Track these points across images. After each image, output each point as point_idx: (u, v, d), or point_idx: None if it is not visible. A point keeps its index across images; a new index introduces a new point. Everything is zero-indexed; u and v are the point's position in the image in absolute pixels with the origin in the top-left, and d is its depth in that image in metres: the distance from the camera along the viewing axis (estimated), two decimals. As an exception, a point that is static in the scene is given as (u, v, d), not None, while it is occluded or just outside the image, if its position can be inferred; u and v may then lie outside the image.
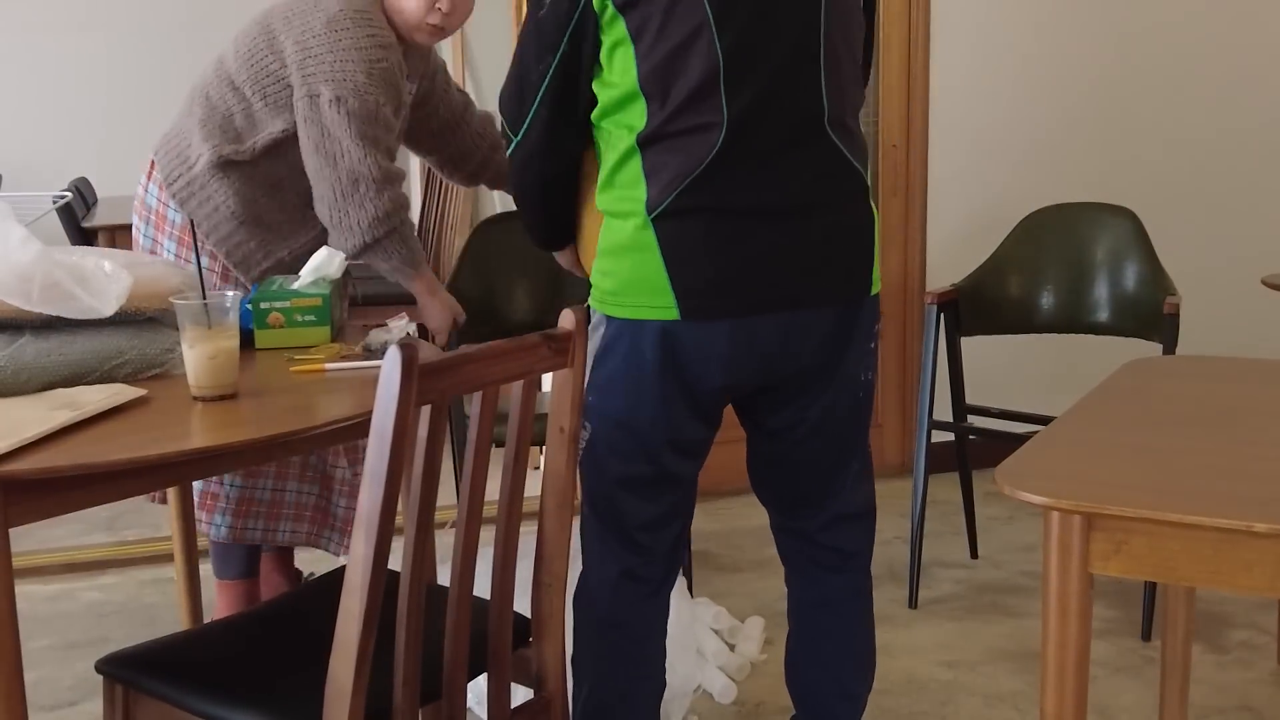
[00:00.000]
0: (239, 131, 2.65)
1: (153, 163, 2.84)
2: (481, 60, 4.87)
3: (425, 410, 1.56)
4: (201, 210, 2.67)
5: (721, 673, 2.80)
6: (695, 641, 2.83)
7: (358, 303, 3.02)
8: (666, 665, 2.19)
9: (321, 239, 2.67)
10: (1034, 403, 3.45)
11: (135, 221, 2.83)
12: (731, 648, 2.92)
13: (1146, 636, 3.02)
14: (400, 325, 2.24)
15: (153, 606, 3.24)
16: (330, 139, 2.54)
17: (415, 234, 2.70)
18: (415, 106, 2.82)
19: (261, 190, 2.67)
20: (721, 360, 1.96)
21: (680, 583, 2.97)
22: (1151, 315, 3.20)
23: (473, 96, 3.13)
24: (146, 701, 1.76)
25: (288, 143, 2.63)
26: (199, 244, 2.58)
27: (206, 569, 2.90)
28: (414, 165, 6.12)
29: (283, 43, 2.58)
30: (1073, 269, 3.40)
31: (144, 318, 2.00)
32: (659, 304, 1.93)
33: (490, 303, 3.28)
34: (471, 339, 2.99)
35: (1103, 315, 3.38)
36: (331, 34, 2.54)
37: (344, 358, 2.10)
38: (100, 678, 1.79)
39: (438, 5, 2.61)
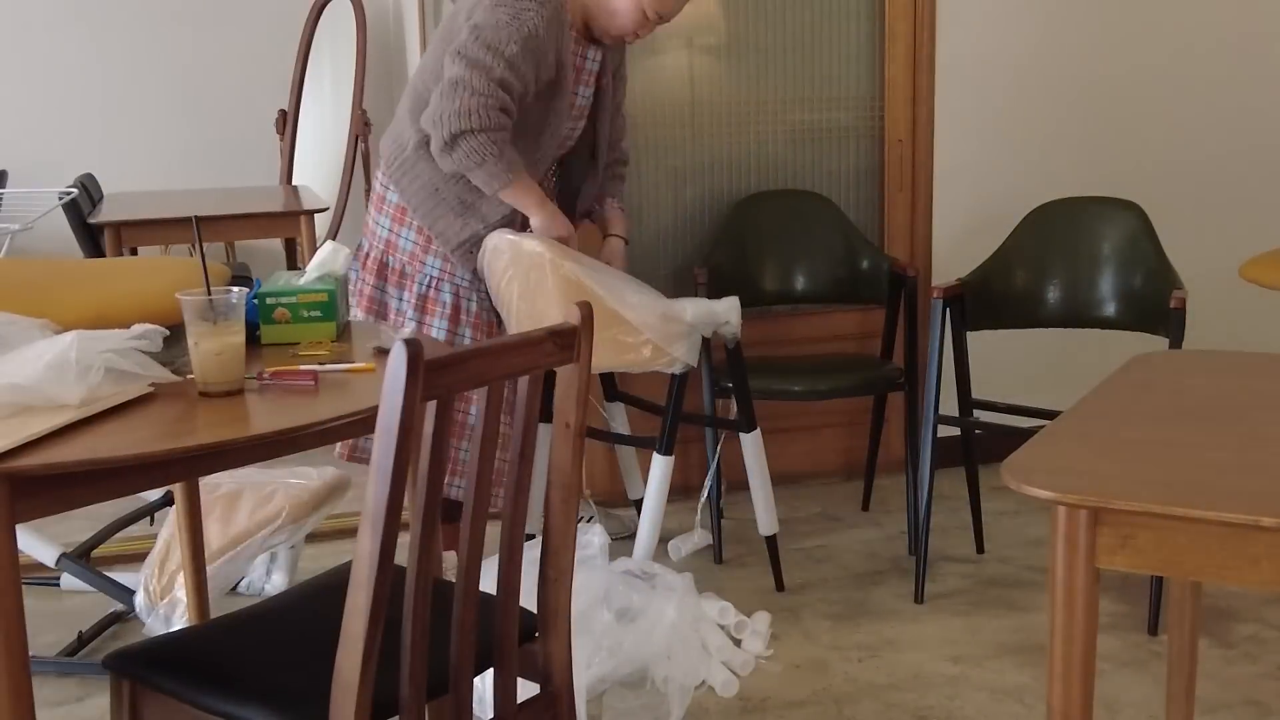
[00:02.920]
0: None
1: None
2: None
3: (431, 405, 1.56)
4: (411, 187, 3.03)
5: (725, 667, 2.80)
6: (700, 636, 2.83)
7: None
8: (669, 658, 2.19)
9: (518, 213, 2.99)
10: (1040, 397, 3.44)
11: (370, 209, 3.21)
12: (737, 643, 2.92)
13: (1153, 631, 3.02)
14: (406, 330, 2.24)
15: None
16: (452, 53, 2.81)
17: (511, 150, 2.87)
18: (601, 77, 3.12)
19: None
20: None
21: (686, 578, 2.97)
22: (1158, 309, 3.19)
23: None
24: (153, 697, 1.76)
25: None
26: (406, 222, 3.03)
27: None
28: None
29: (460, 18, 2.90)
30: (1079, 263, 3.40)
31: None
32: None
33: (744, 271, 3.74)
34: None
35: (1109, 309, 3.37)
36: (496, 4, 2.85)
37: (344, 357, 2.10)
38: (107, 673, 1.80)
39: (639, 31, 3.00)
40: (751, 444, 3.29)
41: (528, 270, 2.95)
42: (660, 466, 3.19)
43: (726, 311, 3.15)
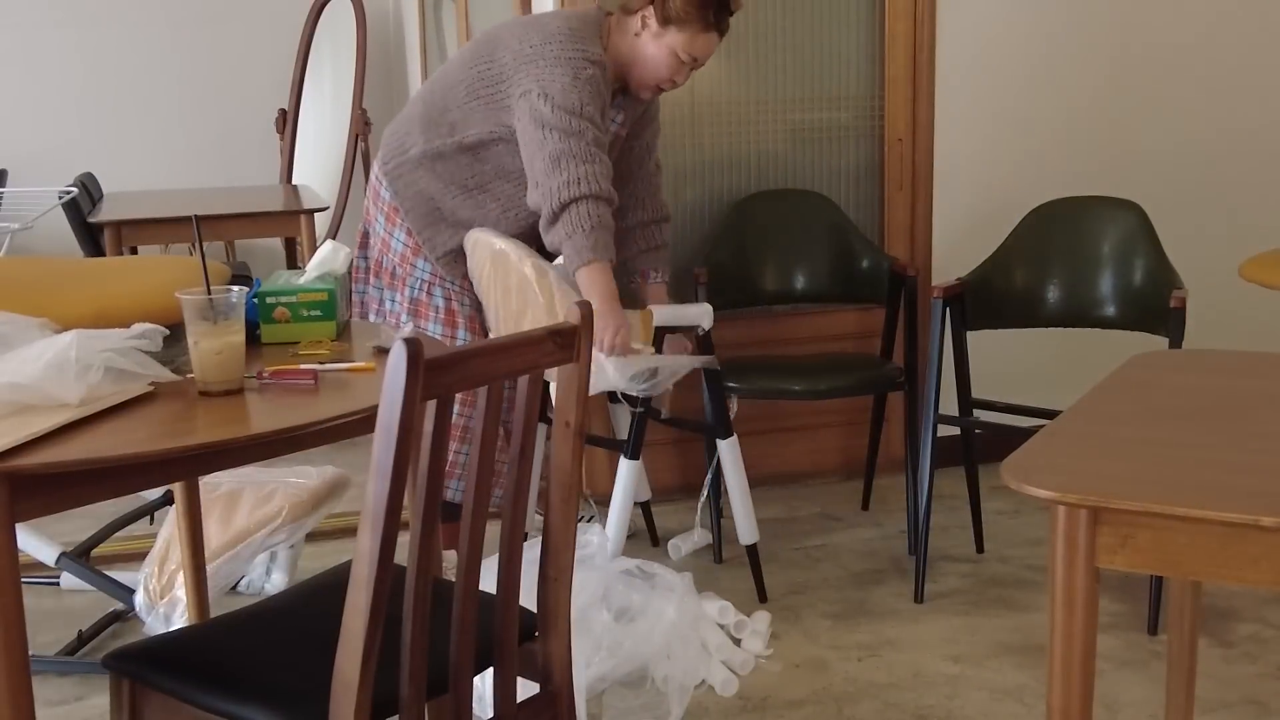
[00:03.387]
0: (452, 125, 3.01)
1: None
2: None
3: (431, 405, 1.56)
4: (407, 192, 3.09)
5: (725, 667, 2.80)
6: (699, 636, 2.83)
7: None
8: (669, 657, 2.19)
9: (516, 235, 3.04)
10: (1040, 397, 3.44)
11: (367, 198, 3.27)
12: (737, 643, 2.92)
13: (1153, 631, 3.02)
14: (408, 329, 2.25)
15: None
16: (537, 126, 2.86)
17: (610, 233, 2.90)
18: (619, 133, 3.14)
19: (459, 186, 3.05)
20: None
21: (686, 577, 2.97)
22: (1158, 309, 3.19)
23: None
24: (153, 696, 1.76)
25: (490, 145, 2.99)
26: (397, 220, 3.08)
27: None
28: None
29: (502, 54, 2.95)
30: (1079, 263, 3.40)
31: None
32: None
33: (744, 271, 3.74)
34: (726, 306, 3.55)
35: (1109, 309, 3.38)
36: (545, 46, 2.90)
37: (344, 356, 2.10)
38: (107, 672, 1.80)
39: (675, 77, 3.05)
40: (729, 451, 3.28)
41: (506, 271, 2.97)
42: (626, 470, 3.18)
43: (698, 315, 3.17)
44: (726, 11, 3.04)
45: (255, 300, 2.19)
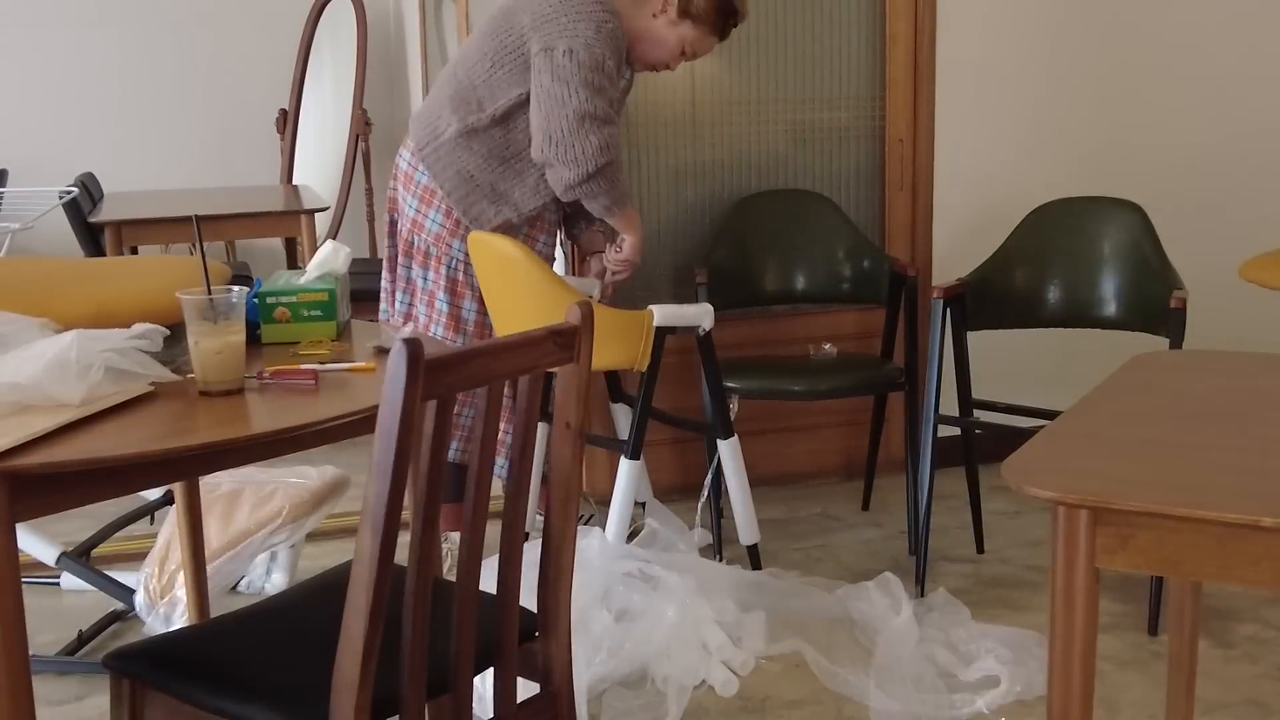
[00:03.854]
0: (480, 100, 3.08)
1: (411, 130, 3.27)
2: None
3: (431, 405, 1.56)
4: (445, 172, 3.13)
5: (725, 667, 2.80)
6: (699, 635, 2.83)
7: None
8: (668, 657, 2.19)
9: (549, 204, 3.16)
10: (1040, 397, 3.44)
11: (391, 181, 3.31)
12: (738, 642, 2.92)
13: (1153, 631, 3.02)
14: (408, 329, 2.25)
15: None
16: (560, 83, 2.93)
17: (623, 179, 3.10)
18: None
19: (497, 159, 3.11)
20: None
21: (687, 578, 2.97)
22: (1158, 309, 3.19)
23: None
24: (154, 696, 1.76)
25: (520, 111, 3.06)
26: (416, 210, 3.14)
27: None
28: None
29: (520, 18, 3.02)
30: (1079, 263, 3.40)
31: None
32: None
33: (745, 271, 3.75)
34: (726, 306, 3.59)
35: (1109, 310, 3.37)
36: (565, 3, 2.98)
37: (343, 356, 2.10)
38: (107, 672, 1.80)
39: (670, 64, 3.21)
40: (729, 451, 3.28)
41: (503, 269, 2.98)
42: (626, 470, 3.19)
43: (698, 316, 3.17)
44: (734, 23, 3.24)
45: (255, 300, 2.19)
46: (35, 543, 3.16)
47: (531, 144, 3.04)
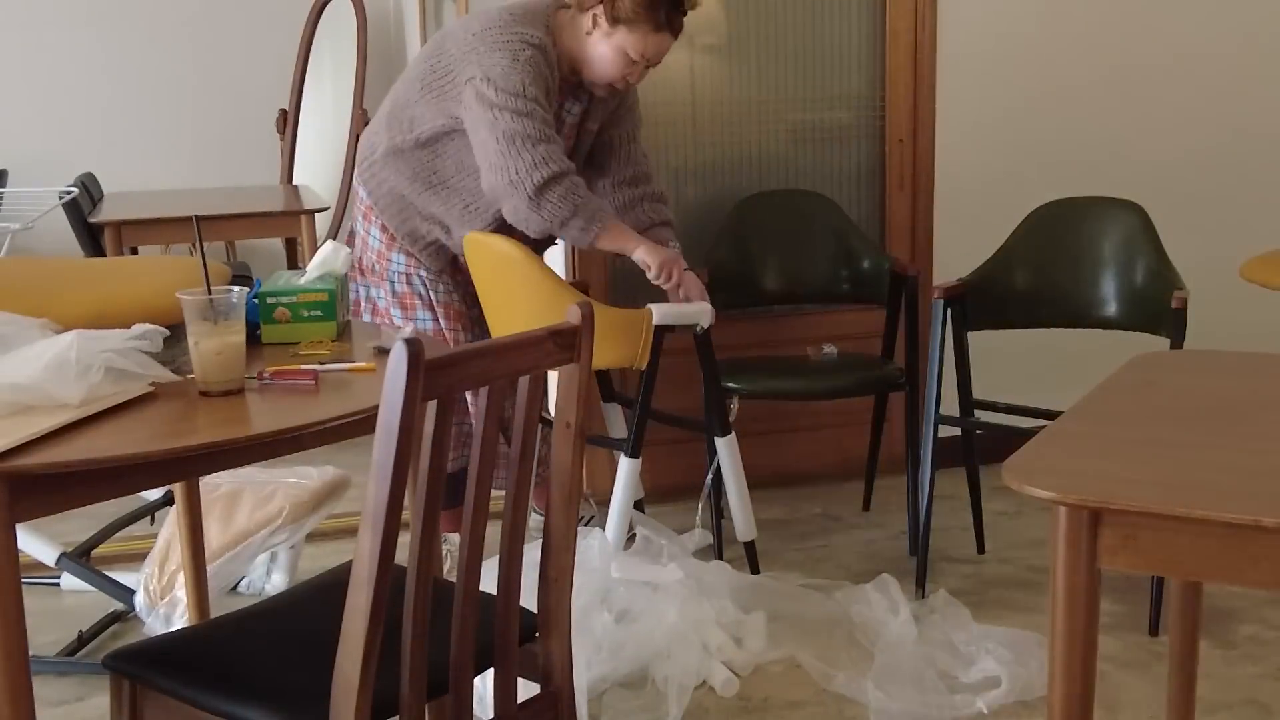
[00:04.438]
0: (411, 120, 3.04)
1: None
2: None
3: (431, 405, 1.56)
4: (379, 190, 3.13)
5: (725, 667, 2.80)
6: (700, 636, 2.83)
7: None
8: (669, 658, 2.19)
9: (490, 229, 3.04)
10: (1041, 397, 3.44)
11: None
12: (738, 643, 2.92)
13: (1154, 632, 3.02)
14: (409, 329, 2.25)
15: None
16: (484, 107, 2.86)
17: (594, 197, 2.98)
18: (584, 125, 3.18)
19: (423, 182, 3.07)
20: None
21: (688, 579, 2.97)
22: (1159, 309, 3.19)
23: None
24: (154, 697, 1.76)
25: (444, 139, 3.01)
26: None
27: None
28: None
29: (449, 46, 2.98)
30: (1080, 263, 3.40)
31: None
32: None
33: (746, 271, 3.74)
34: (727, 306, 3.54)
35: (1110, 309, 3.37)
36: (485, 32, 2.92)
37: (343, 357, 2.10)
38: (107, 673, 1.80)
39: (628, 76, 3.05)
40: (726, 448, 3.29)
41: (504, 268, 2.99)
42: (626, 468, 3.19)
43: (697, 314, 3.17)
44: (679, 11, 3.03)
45: (256, 300, 2.18)
46: (35, 543, 3.16)
47: (482, 178, 2.96)
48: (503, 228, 3.07)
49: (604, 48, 3.02)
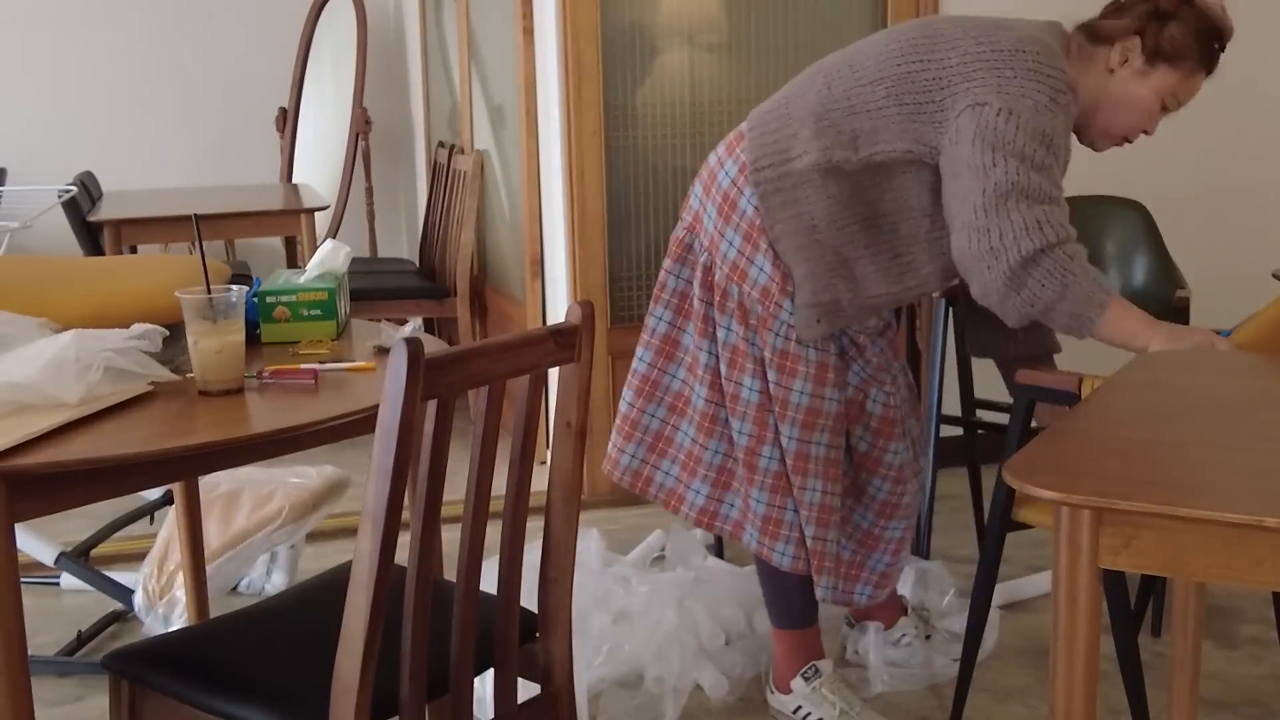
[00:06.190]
0: (855, 134, 2.33)
1: (739, 135, 2.48)
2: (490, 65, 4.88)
3: (432, 405, 1.56)
4: (784, 211, 2.37)
5: (718, 669, 2.79)
6: (695, 637, 2.83)
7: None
8: (663, 658, 2.18)
9: (898, 297, 2.45)
10: (1042, 397, 3.43)
11: (697, 191, 2.52)
12: (738, 642, 2.92)
13: (1156, 632, 3.01)
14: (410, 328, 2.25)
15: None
16: (985, 148, 2.22)
17: (1087, 268, 2.29)
18: None
19: (856, 218, 2.37)
20: None
21: (688, 579, 2.97)
22: (1161, 308, 3.18)
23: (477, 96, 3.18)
24: (153, 697, 1.76)
25: (897, 169, 2.34)
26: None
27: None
28: (419, 159, 6.13)
29: (947, 54, 2.31)
30: (1081, 262, 3.39)
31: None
32: None
33: None
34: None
35: (1111, 309, 3.36)
36: (1017, 53, 2.28)
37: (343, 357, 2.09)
38: (106, 673, 1.79)
39: (1148, 128, 2.47)
40: None
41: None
42: None
43: None
44: (1221, 46, 2.44)
45: (255, 299, 2.18)
46: (35, 543, 3.16)
47: (951, 240, 2.32)
48: (904, 297, 2.49)
49: (1138, 89, 2.42)
